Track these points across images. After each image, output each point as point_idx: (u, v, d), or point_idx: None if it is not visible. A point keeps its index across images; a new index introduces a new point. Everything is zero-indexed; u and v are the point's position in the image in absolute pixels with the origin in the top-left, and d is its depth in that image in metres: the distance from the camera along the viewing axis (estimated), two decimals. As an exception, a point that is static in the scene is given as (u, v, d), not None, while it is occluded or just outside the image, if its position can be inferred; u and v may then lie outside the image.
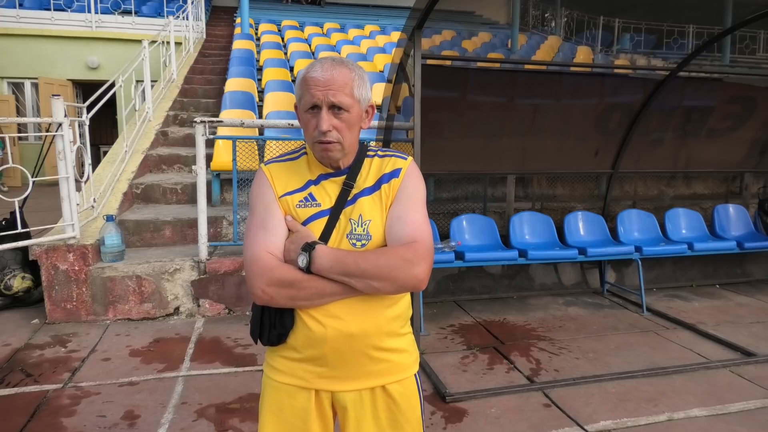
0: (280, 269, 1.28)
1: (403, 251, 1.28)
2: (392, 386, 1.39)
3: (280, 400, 1.38)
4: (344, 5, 16.81)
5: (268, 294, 1.28)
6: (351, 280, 1.26)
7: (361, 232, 1.33)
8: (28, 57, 11.28)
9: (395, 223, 1.33)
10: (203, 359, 3.51)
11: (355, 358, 1.34)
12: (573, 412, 2.93)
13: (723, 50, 10.33)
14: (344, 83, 1.30)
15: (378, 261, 1.26)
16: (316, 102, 1.29)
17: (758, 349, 3.78)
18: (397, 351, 1.40)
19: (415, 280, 1.27)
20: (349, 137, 1.33)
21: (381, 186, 1.37)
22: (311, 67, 1.32)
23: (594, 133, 5.11)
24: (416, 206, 1.36)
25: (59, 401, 2.94)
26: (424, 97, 3.58)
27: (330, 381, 1.35)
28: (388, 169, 1.39)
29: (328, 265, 1.25)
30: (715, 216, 5.56)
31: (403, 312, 1.42)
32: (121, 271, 4.15)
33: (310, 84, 1.30)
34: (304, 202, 1.36)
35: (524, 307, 4.75)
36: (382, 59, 9.63)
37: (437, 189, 5.79)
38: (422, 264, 1.28)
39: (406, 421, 1.41)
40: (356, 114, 1.33)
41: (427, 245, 1.30)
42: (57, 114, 4.01)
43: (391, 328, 1.38)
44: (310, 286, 1.27)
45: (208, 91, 8.52)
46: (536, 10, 15.80)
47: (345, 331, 1.31)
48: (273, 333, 1.34)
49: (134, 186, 5.39)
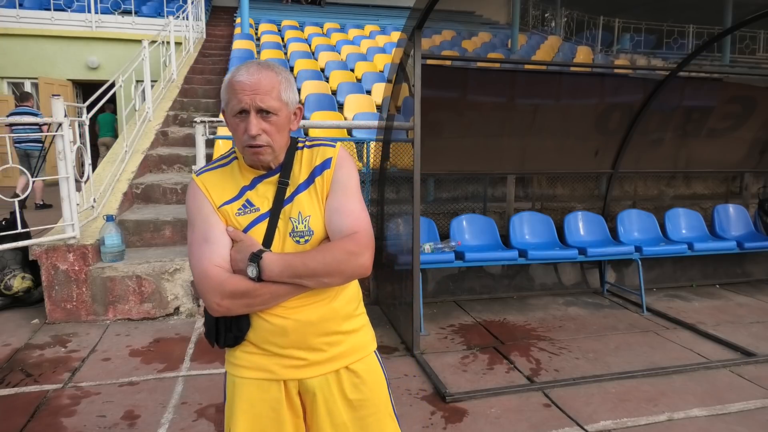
0: (231, 282, 1.29)
1: (346, 244, 1.31)
2: (355, 365, 1.44)
3: (251, 395, 1.40)
4: (344, 5, 16.80)
5: (224, 306, 1.30)
6: (302, 281, 1.30)
7: (303, 228, 1.35)
8: (28, 57, 11.27)
9: (333, 215, 1.36)
10: (203, 359, 3.51)
11: (317, 344, 1.38)
12: (573, 412, 2.93)
13: (723, 50, 10.32)
14: (271, 87, 1.31)
15: (324, 258, 1.30)
16: (243, 107, 1.30)
17: (758, 349, 3.78)
18: (354, 331, 1.46)
19: (361, 269, 1.33)
20: (278, 140, 1.35)
21: (314, 179, 1.39)
22: (237, 72, 1.33)
23: (594, 133, 5.11)
24: (352, 195, 1.38)
25: (59, 401, 2.94)
26: (424, 97, 3.58)
27: (296, 370, 1.39)
28: (319, 160, 1.40)
29: (277, 272, 1.28)
30: (715, 216, 5.56)
31: (354, 294, 1.49)
32: (121, 271, 4.15)
33: (237, 89, 1.30)
34: (243, 209, 1.37)
35: (524, 307, 4.75)
36: (382, 59, 9.63)
37: (437, 189, 5.79)
38: (366, 253, 1.33)
39: (376, 396, 1.47)
40: (285, 117, 1.35)
41: (367, 234, 1.35)
42: (57, 114, 4.01)
43: (347, 311, 1.44)
44: (264, 293, 1.30)
45: (208, 91, 8.52)
46: (536, 10, 15.80)
47: (304, 320, 1.36)
48: (229, 336, 1.37)
49: (134, 186, 5.39)
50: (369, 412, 1.45)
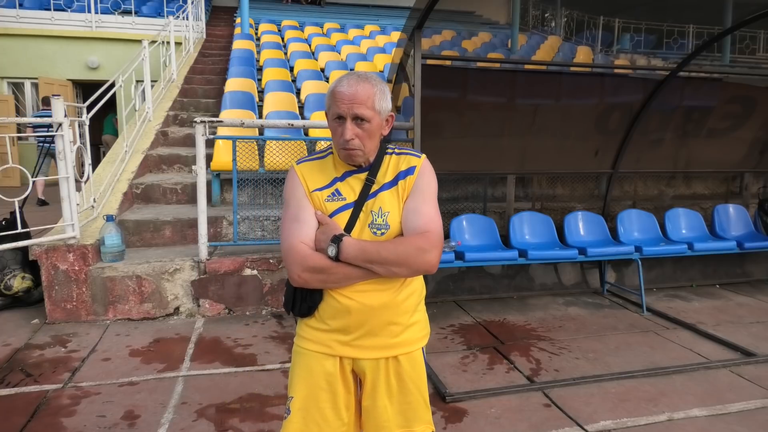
0: (313, 258, 1.47)
1: (417, 240, 1.47)
2: (403, 357, 1.58)
3: (310, 365, 1.58)
4: (344, 5, 16.80)
5: (303, 278, 1.48)
6: (373, 266, 1.46)
7: (381, 222, 1.52)
8: (28, 57, 11.27)
9: (410, 214, 1.52)
10: (203, 359, 3.51)
11: (376, 329, 1.54)
12: (573, 412, 2.93)
13: (723, 50, 10.32)
14: (367, 97, 1.48)
15: (396, 249, 1.46)
16: (341, 113, 1.48)
17: (758, 349, 3.78)
18: (411, 325, 1.60)
19: (427, 265, 1.47)
20: (369, 144, 1.53)
21: (398, 182, 1.56)
22: (339, 82, 1.51)
23: (594, 133, 5.11)
24: (428, 200, 1.55)
25: (59, 401, 2.94)
26: (424, 97, 3.59)
27: (353, 349, 1.56)
28: (404, 167, 1.58)
29: (354, 255, 1.45)
30: (715, 216, 5.56)
31: (418, 289, 1.63)
32: (121, 271, 4.15)
33: (337, 98, 1.49)
34: (331, 196, 1.55)
35: (524, 307, 4.75)
36: (382, 59, 9.63)
37: (437, 189, 5.78)
38: (434, 251, 1.47)
39: (415, 387, 1.61)
40: (377, 124, 1.52)
41: (438, 234, 1.49)
42: (57, 114, 4.01)
43: (407, 305, 1.58)
44: (338, 272, 1.47)
45: (208, 91, 8.52)
46: (536, 10, 15.79)
47: (368, 304, 1.51)
48: (304, 306, 1.56)
49: (134, 186, 5.39)
50: (408, 400, 1.60)
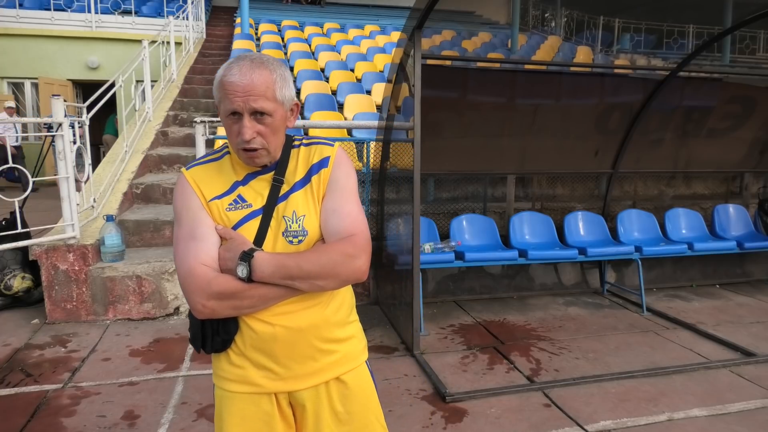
0: (218, 281, 1.22)
1: (342, 246, 1.25)
2: (345, 376, 1.38)
3: (242, 411, 1.33)
4: (344, 5, 16.80)
5: (209, 308, 1.22)
6: (295, 283, 1.23)
7: (297, 228, 1.29)
8: (28, 57, 11.27)
9: (330, 216, 1.30)
10: (203, 359, 3.50)
11: (307, 353, 1.32)
12: (573, 412, 2.93)
13: (723, 50, 10.33)
14: (266, 87, 1.22)
15: (320, 260, 1.23)
16: (236, 109, 1.22)
17: (758, 349, 3.78)
18: (346, 340, 1.39)
19: (358, 272, 1.27)
20: (274, 141, 1.29)
21: (311, 178, 1.33)
22: (228, 70, 1.24)
23: (594, 133, 5.11)
24: (350, 197, 1.32)
25: (59, 401, 2.94)
26: (424, 97, 3.58)
27: (285, 382, 1.32)
28: (316, 159, 1.34)
29: (269, 272, 1.21)
30: (715, 216, 5.56)
31: (348, 299, 1.42)
32: (121, 271, 4.15)
33: (228, 90, 1.22)
34: (234, 204, 1.30)
35: (524, 307, 4.75)
36: (382, 59, 9.64)
37: (437, 189, 5.79)
38: (363, 256, 1.27)
39: (366, 409, 1.41)
40: (280, 116, 1.28)
41: (365, 237, 1.29)
42: (57, 114, 4.01)
43: (339, 318, 1.37)
44: (253, 295, 1.23)
45: (208, 91, 8.51)
46: (536, 10, 15.81)
47: (294, 327, 1.29)
48: (217, 340, 1.29)
49: (134, 186, 5.39)
50: (358, 426, 1.39)
